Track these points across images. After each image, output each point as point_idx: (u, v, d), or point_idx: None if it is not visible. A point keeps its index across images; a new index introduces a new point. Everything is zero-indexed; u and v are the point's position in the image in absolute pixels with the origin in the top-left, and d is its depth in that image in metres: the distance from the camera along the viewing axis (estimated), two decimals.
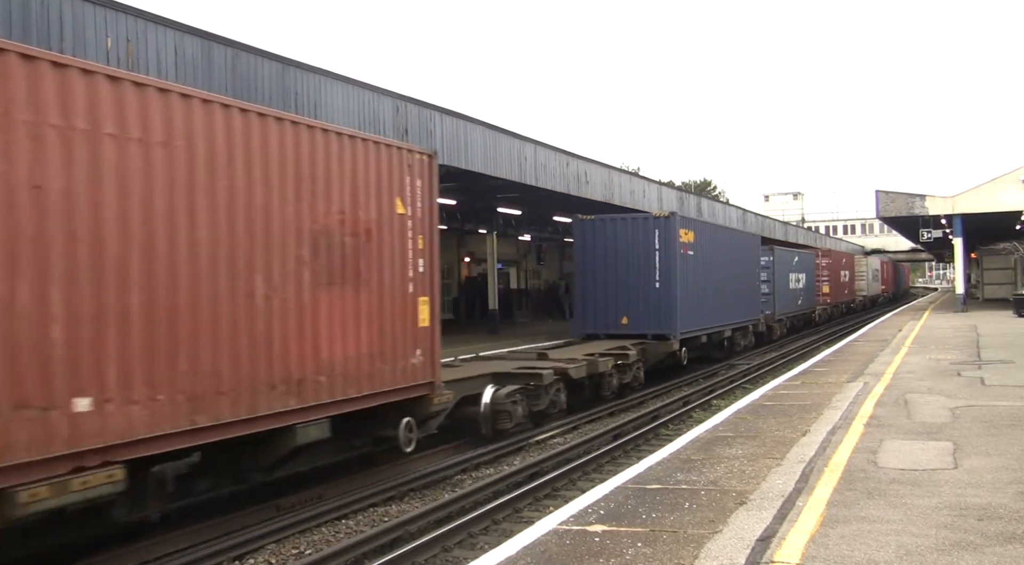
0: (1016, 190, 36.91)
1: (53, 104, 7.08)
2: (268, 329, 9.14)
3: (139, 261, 7.78)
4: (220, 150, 8.67)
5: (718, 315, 25.08)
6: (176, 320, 8.10)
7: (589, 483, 11.73)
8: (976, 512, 7.06)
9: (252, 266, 8.99)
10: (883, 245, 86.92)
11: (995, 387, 14.52)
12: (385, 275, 11.07)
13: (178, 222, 8.16)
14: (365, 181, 10.74)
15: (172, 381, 8.02)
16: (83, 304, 7.26)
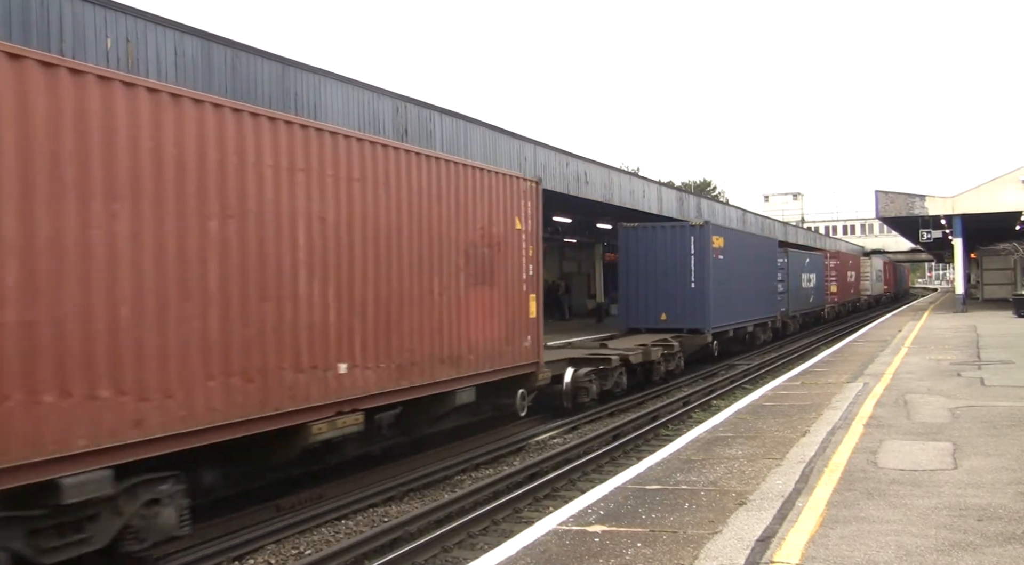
0: (1016, 190, 36.92)
1: (330, 162, 10.14)
2: (440, 318, 12.18)
3: (372, 266, 10.79)
4: (416, 187, 11.75)
5: (742, 312, 27.86)
6: (390, 310, 11.12)
7: (589, 483, 11.73)
8: (976, 512, 7.06)
9: (432, 271, 12.06)
10: (883, 245, 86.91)
11: (995, 387, 14.53)
12: (509, 277, 14.11)
13: (392, 238, 11.20)
14: (496, 205, 13.83)
15: (388, 354, 11.03)
16: (343, 299, 10.21)
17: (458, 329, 12.59)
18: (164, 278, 7.98)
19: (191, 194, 8.32)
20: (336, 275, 10.14)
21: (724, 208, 47.05)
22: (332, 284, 10.05)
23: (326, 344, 9.92)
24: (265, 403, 9.05)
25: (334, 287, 10.08)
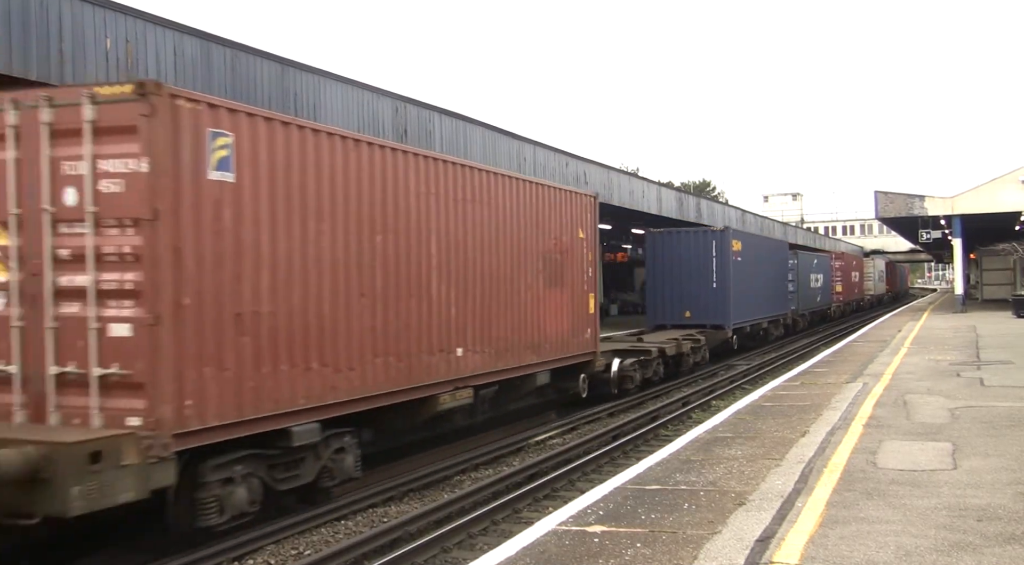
0: (1016, 190, 36.92)
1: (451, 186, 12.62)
2: (525, 313, 14.73)
3: (479, 271, 13.33)
4: (507, 204, 14.33)
5: (758, 309, 30.38)
6: (491, 306, 13.65)
7: (588, 484, 11.73)
8: (975, 513, 7.07)
9: (519, 274, 14.63)
10: (882, 246, 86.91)
11: (994, 388, 14.53)
12: (574, 279, 16.71)
13: (491, 248, 13.71)
14: (565, 218, 16.40)
15: (489, 342, 13.56)
16: (459, 297, 12.77)
17: (537, 322, 15.20)
18: (349, 281, 10.44)
19: (365, 216, 10.73)
20: (455, 278, 12.71)
21: (723, 208, 47.04)
22: (453, 286, 12.64)
23: (449, 333, 12.51)
24: (410, 378, 11.61)
25: (454, 288, 12.67)
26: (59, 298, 8.30)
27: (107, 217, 8.18)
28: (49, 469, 7.18)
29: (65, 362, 8.20)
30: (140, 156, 8.05)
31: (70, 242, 8.30)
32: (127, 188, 8.11)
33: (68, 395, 8.20)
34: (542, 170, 26.05)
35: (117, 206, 8.14)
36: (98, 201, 8.20)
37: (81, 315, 8.20)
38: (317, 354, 9.85)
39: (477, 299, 13.27)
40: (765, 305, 31.42)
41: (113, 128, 8.13)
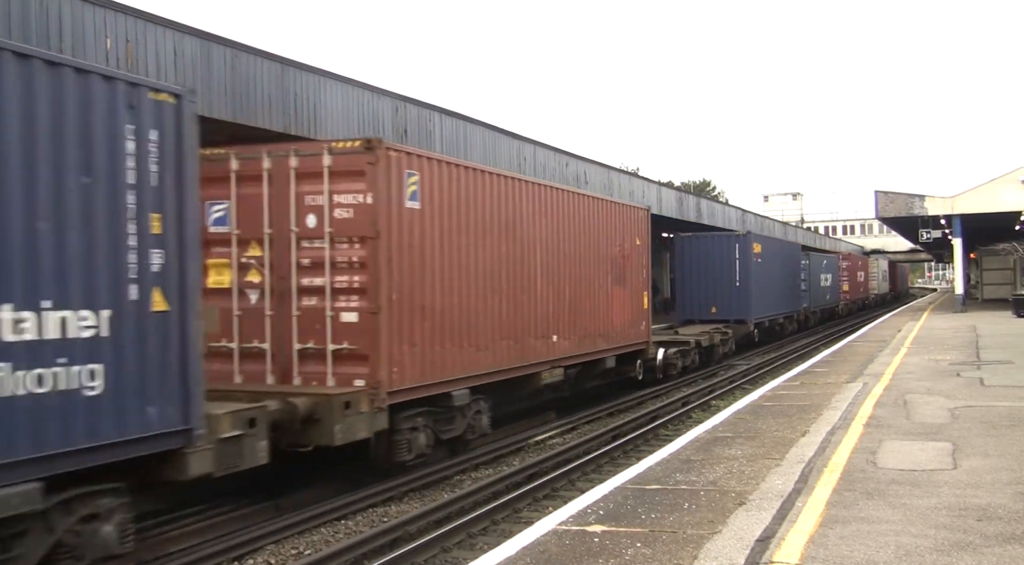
0: (1016, 190, 36.91)
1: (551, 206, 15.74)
2: (598, 307, 17.60)
3: (567, 272, 16.27)
4: (587, 218, 17.26)
5: (775, 306, 33.17)
6: (575, 301, 16.53)
7: (588, 483, 11.72)
8: (975, 512, 7.07)
9: (594, 275, 17.57)
10: (882, 246, 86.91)
11: (994, 387, 14.53)
12: (633, 279, 19.70)
13: (576, 254, 16.68)
14: (627, 228, 19.41)
15: (574, 330, 16.50)
16: (554, 293, 15.67)
17: (607, 315, 18.08)
18: (487, 282, 13.40)
19: (497, 232, 13.71)
20: (552, 279, 15.63)
21: (724, 208, 47.01)
22: (550, 285, 15.57)
23: (547, 323, 15.40)
24: (522, 357, 14.53)
25: (551, 287, 15.60)
26: (301, 294, 11.22)
27: (340, 235, 11.06)
28: (321, 412, 10.14)
29: (306, 341, 11.14)
30: (366, 192, 10.95)
31: (310, 254, 11.19)
32: (355, 215, 11.01)
33: (307, 364, 11.15)
34: (542, 170, 26.05)
35: (348, 228, 11.02)
36: (333, 224, 11.08)
37: (319, 307, 11.10)
38: (467, 337, 12.90)
39: (566, 296, 16.26)
40: (781, 302, 34.21)
41: (346, 172, 11.05)
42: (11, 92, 6.58)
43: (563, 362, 16.00)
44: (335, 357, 10.98)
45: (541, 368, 15.17)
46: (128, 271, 7.44)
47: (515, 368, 14.29)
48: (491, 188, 13.64)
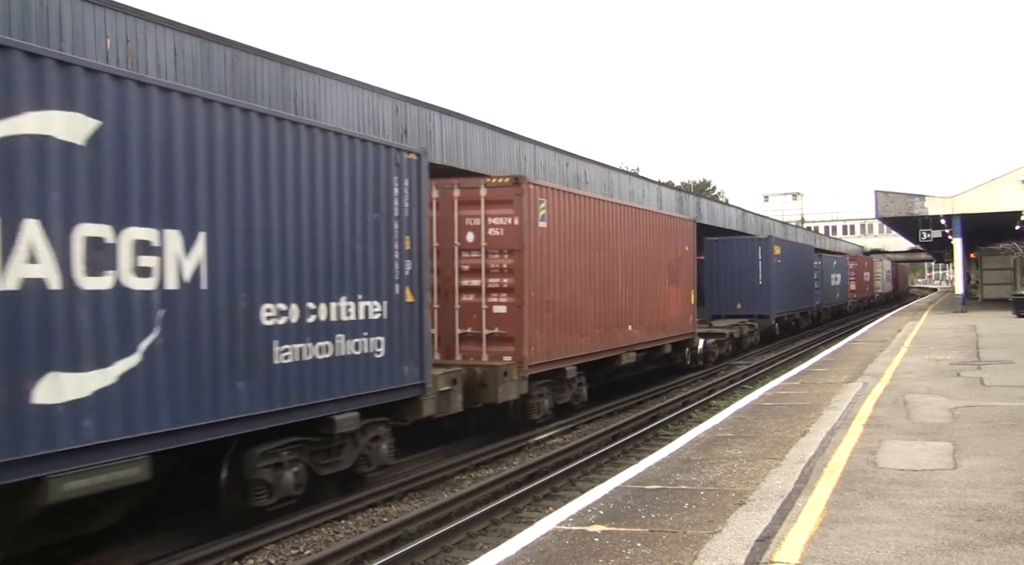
0: (1016, 190, 36.89)
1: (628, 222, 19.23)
2: (659, 302, 21.05)
3: (639, 274, 19.61)
4: (654, 230, 20.86)
5: (793, 303, 36.74)
6: (643, 297, 19.84)
7: (588, 483, 11.72)
8: (975, 512, 7.06)
9: (656, 276, 20.91)
10: (883, 245, 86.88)
11: (994, 387, 14.53)
12: (684, 279, 23.15)
13: (645, 260, 20.09)
14: (678, 237, 22.93)
15: (642, 321, 19.76)
16: (629, 291, 18.94)
17: (665, 310, 21.60)
18: (585, 282, 16.94)
19: (592, 243, 17.27)
20: (628, 280, 19.11)
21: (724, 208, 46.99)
22: (627, 284, 19.07)
23: (625, 315, 18.91)
24: (608, 343, 18.13)
25: (626, 285, 19.05)
26: (461, 292, 14.76)
27: (492, 248, 14.70)
28: (489, 379, 13.80)
29: (465, 327, 14.76)
30: (513, 215, 14.61)
31: (469, 262, 14.78)
32: (504, 233, 14.68)
33: (466, 345, 14.72)
34: (542, 170, 26.04)
35: (499, 242, 14.70)
36: (487, 239, 14.70)
37: (475, 302, 14.73)
38: (574, 325, 16.42)
39: (638, 294, 19.67)
40: (797, 300, 37.76)
41: (498, 200, 14.68)
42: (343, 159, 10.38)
43: (636, 347, 19.59)
44: (488, 339, 14.71)
45: (621, 352, 18.88)
46: (395, 275, 11.24)
47: (604, 351, 18.05)
48: (589, 209, 17.33)
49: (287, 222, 9.47)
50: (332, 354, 10.01)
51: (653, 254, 20.85)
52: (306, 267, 9.70)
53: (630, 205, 20.68)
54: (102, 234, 7.45)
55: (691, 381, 23.47)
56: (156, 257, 7.91)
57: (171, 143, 8.15)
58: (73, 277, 7.17)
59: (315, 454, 10.16)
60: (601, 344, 17.74)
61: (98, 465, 7.32)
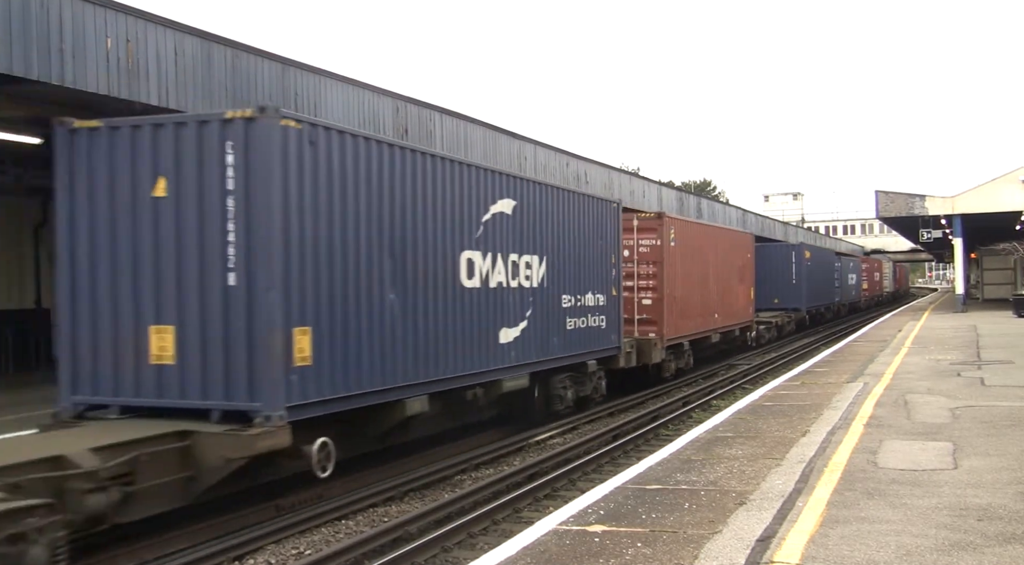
0: (1016, 190, 36.89)
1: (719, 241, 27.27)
2: (732, 297, 27.64)
3: (724, 276, 26.82)
4: (730, 244, 28.27)
5: (819, 298, 43.59)
6: (723, 294, 26.60)
7: (589, 483, 11.72)
8: (976, 512, 7.06)
9: (730, 277, 27.67)
10: (883, 245, 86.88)
11: (995, 387, 14.53)
12: (747, 279, 29.59)
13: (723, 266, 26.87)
14: (744, 246, 29.99)
15: (723, 311, 26.65)
16: (716, 288, 25.92)
17: (736, 302, 28.12)
18: (692, 283, 23.12)
19: (697, 254, 23.62)
20: (714, 280, 25.34)
21: (724, 208, 46.97)
22: (715, 283, 25.34)
23: (713, 306, 25.17)
24: (705, 326, 24.64)
25: (714, 284, 25.34)
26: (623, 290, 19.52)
27: (642, 261, 21.07)
28: (646, 347, 20.11)
29: (624, 314, 19.27)
30: (656, 238, 21.07)
31: (625, 270, 19.89)
32: (650, 251, 21.14)
33: (626, 326, 19.44)
34: (543, 170, 26.02)
35: (646, 257, 21.12)
36: (638, 255, 21.06)
37: (629, 297, 20.22)
38: (687, 313, 22.79)
39: (720, 290, 26.13)
40: (823, 296, 44.51)
41: (646, 228, 21.18)
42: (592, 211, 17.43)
43: (719, 330, 26.33)
44: (639, 322, 20.84)
45: (711, 333, 25.52)
46: (610, 279, 18.07)
47: (703, 331, 24.69)
48: (695, 231, 24.56)
49: (568, 250, 16.36)
50: (586, 325, 17.06)
51: (728, 260, 27.49)
52: (576, 274, 16.62)
53: (716, 225, 30.81)
54: (515, 259, 14.32)
55: (691, 381, 23.50)
56: (530, 270, 14.86)
57: (539, 212, 15.18)
58: (508, 281, 14.04)
59: (576, 383, 17.16)
60: (701, 327, 24.48)
61: (515, 376, 14.33)
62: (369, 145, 10.75)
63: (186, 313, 9.49)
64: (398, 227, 11.21)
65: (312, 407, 9.63)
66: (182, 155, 9.47)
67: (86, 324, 9.87)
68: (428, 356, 11.72)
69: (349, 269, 10.25)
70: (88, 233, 9.89)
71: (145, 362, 9.62)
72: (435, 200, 12.07)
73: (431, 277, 11.91)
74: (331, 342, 9.85)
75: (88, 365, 9.84)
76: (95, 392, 9.82)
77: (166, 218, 9.56)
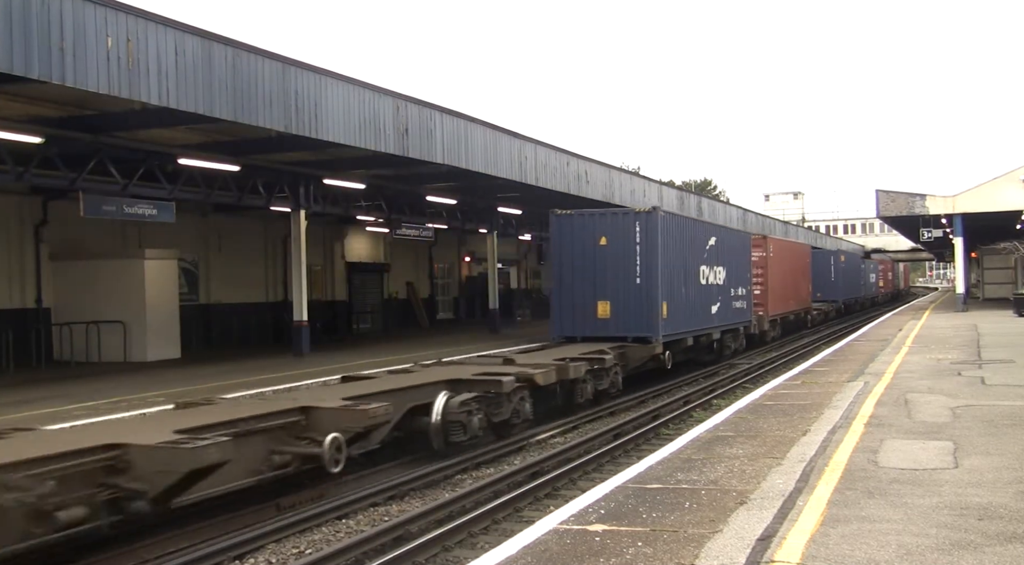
0: (1016, 190, 36.91)
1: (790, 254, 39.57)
2: (799, 289, 39.66)
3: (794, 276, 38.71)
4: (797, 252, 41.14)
5: (849, 293, 54.64)
6: (797, 287, 39.07)
7: (589, 482, 11.71)
8: (976, 512, 7.06)
9: (796, 275, 38.94)
10: (883, 245, 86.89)
11: (996, 386, 14.52)
12: (807, 277, 41.53)
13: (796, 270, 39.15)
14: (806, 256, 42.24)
15: (795, 298, 38.66)
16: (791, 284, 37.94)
17: (801, 293, 39.53)
18: (780, 279, 34.89)
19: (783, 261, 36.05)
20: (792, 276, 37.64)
21: (724, 207, 47.00)
22: (791, 279, 37.59)
23: (791, 295, 37.31)
24: (787, 308, 36.40)
25: (791, 279, 37.60)
26: None
27: (755, 267, 30.90)
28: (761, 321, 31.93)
29: None
30: (762, 251, 32.59)
31: None
32: (759, 259, 31.95)
33: None
34: (543, 169, 25.99)
35: (756, 263, 31.32)
36: (754, 262, 30.96)
37: None
38: (778, 299, 33.95)
39: (794, 284, 37.22)
40: (851, 291, 55.43)
41: (756, 244, 31.99)
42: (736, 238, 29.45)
43: (793, 312, 37.43)
44: (753, 304, 29.65)
45: (789, 314, 36.41)
46: (748, 278, 29.50)
47: (785, 312, 35.38)
48: (781, 245, 36.00)
49: (733, 261, 26.62)
50: (739, 306, 27.83)
51: (797, 265, 38.54)
52: (736, 275, 26.73)
53: (790, 240, 45.15)
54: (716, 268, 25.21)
55: (691, 381, 23.49)
56: (719, 274, 25.16)
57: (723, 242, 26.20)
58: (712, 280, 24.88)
59: (735, 340, 27.95)
60: (785, 309, 35.52)
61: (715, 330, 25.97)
62: (683, 220, 24.79)
63: (617, 295, 20.99)
64: (686, 255, 23.08)
65: (669, 336, 21.63)
66: (614, 226, 21.12)
67: (567, 301, 21.44)
68: (693, 317, 23.59)
69: (676, 276, 22.21)
70: (569, 260, 21.35)
71: (594, 317, 21.22)
72: (692, 241, 23.70)
73: (692, 279, 23.52)
74: (673, 308, 21.76)
75: (567, 319, 21.57)
76: (569, 331, 21.53)
77: (605, 255, 20.96)
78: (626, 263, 20.65)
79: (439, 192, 28.83)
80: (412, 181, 26.71)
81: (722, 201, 55.85)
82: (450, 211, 32.46)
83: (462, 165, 21.92)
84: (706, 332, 24.78)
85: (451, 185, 27.83)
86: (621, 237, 20.62)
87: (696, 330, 23.89)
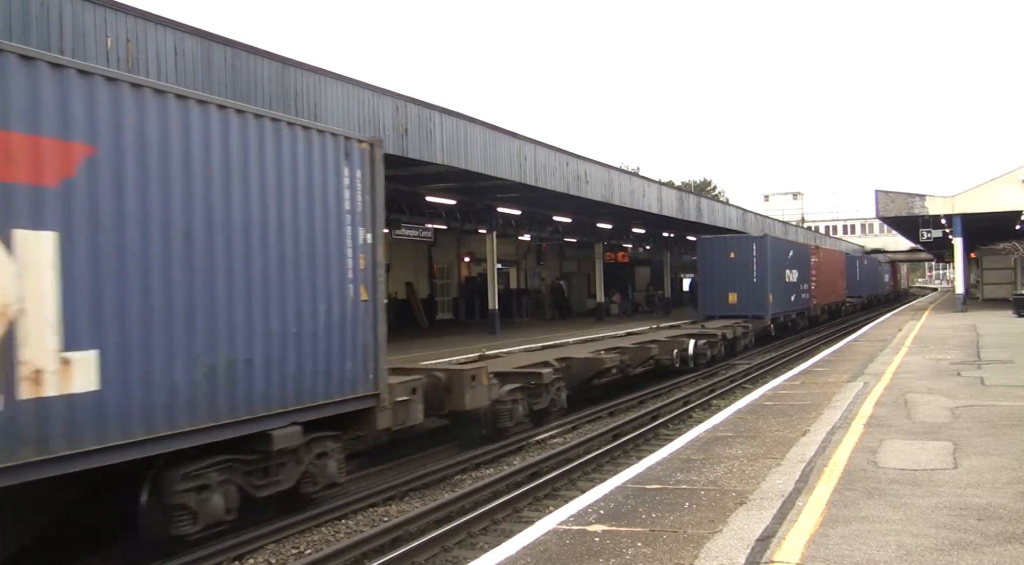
0: (1016, 190, 36.91)
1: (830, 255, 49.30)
2: (835, 286, 48.06)
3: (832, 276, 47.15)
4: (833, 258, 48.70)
5: (869, 290, 63.53)
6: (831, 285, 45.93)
7: (589, 483, 11.71)
8: (976, 512, 7.06)
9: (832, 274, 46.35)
10: (883, 245, 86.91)
11: (995, 387, 14.52)
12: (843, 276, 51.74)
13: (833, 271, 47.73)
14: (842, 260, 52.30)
15: (832, 293, 46.75)
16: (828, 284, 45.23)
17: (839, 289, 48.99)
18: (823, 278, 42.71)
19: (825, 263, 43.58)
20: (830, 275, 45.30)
21: (724, 208, 46.99)
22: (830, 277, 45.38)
23: (828, 290, 44.46)
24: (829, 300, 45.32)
25: (830, 277, 45.40)
26: None
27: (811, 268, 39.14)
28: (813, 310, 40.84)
29: None
30: (817, 258, 40.73)
31: None
32: (812, 264, 39.25)
33: None
34: (543, 169, 25.99)
35: (812, 267, 39.32)
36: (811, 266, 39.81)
37: None
38: (821, 293, 41.28)
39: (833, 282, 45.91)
40: (871, 289, 64.93)
41: (812, 253, 40.05)
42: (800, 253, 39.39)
43: (834, 303, 45.73)
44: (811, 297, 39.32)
45: (831, 305, 44.14)
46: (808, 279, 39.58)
47: (828, 303, 44.34)
48: (826, 252, 44.52)
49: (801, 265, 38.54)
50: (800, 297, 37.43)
51: (835, 267, 46.47)
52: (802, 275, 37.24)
53: (829, 248, 51.32)
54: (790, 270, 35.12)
55: (691, 381, 23.49)
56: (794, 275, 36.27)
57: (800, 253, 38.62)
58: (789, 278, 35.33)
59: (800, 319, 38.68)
60: (828, 301, 42.76)
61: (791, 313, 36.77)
62: (777, 240, 34.85)
63: (741, 288, 31.29)
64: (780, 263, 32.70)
65: (774, 315, 32.39)
66: (739, 245, 31.92)
67: (708, 291, 32.11)
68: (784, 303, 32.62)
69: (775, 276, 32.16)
70: (710, 266, 32.06)
71: (726, 303, 31.48)
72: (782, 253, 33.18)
73: (781, 278, 32.83)
74: (774, 297, 32.38)
75: (709, 304, 31.96)
76: (710, 311, 31.52)
77: (734, 263, 31.44)
78: (747, 268, 31.40)
79: (438, 192, 28.84)
80: (411, 181, 26.72)
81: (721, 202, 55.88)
82: (449, 211, 32.45)
83: (461, 165, 21.93)
84: (789, 313, 35.98)
85: (450, 185, 27.83)
86: (744, 252, 31.58)
87: (785, 311, 35.04)
